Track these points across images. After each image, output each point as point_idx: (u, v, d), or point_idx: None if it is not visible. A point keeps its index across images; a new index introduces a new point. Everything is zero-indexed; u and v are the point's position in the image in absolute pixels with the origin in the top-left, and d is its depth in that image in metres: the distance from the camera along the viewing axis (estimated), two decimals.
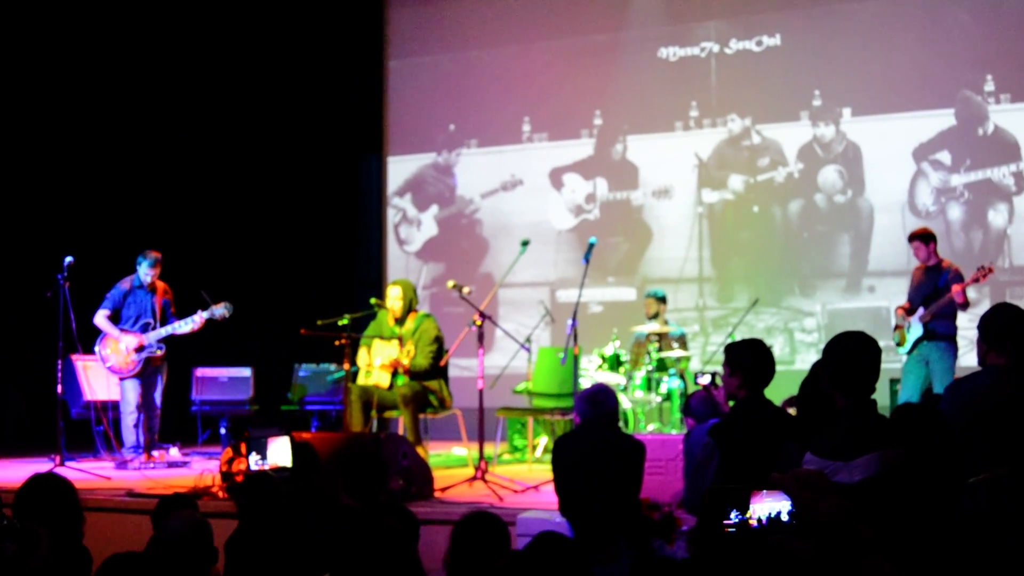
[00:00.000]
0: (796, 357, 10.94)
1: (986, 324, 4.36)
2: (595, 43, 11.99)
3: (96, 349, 8.67)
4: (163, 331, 8.62)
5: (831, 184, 11.06)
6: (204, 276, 9.40)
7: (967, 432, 4.00)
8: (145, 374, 8.61)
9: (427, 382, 8.32)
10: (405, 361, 8.24)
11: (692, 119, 11.57)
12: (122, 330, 8.62)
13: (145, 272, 8.65)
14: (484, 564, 3.55)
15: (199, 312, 8.58)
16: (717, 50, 11.51)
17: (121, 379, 8.62)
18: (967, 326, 8.77)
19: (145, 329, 8.63)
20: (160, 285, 8.81)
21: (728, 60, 11.47)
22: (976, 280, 7.87)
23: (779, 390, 5.29)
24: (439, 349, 8.40)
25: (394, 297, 8.52)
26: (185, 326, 8.60)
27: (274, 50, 11.98)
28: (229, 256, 11.53)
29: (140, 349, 8.58)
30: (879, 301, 10.67)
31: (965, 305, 7.92)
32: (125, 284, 8.72)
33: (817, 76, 11.07)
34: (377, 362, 8.38)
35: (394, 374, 8.30)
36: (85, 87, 11.09)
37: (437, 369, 8.39)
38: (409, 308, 8.52)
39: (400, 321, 8.48)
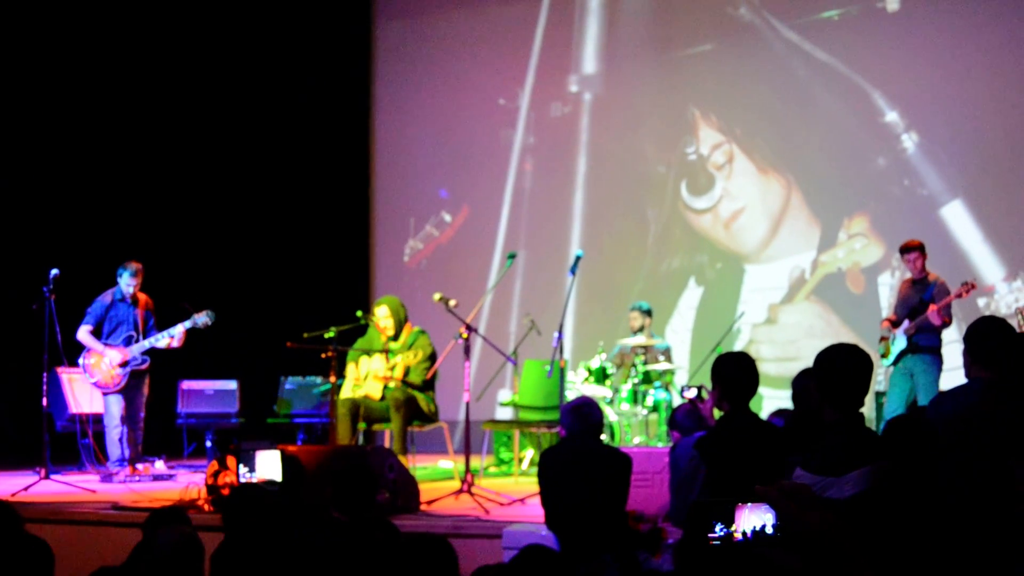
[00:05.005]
0: None
1: (971, 337, 4.38)
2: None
3: (80, 364, 8.60)
4: (146, 343, 8.56)
5: None
6: (189, 288, 9.38)
7: (949, 444, 4.02)
8: (128, 387, 8.56)
9: (417, 393, 8.30)
10: (397, 374, 8.21)
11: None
12: (105, 344, 8.58)
13: (127, 283, 8.56)
14: None
15: (180, 324, 8.54)
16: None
17: (105, 394, 8.58)
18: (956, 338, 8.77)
19: (128, 342, 8.57)
20: (142, 297, 8.73)
21: None
22: (959, 295, 7.87)
23: None
24: (432, 366, 8.39)
25: (383, 317, 8.43)
26: (163, 339, 8.55)
27: (260, 60, 11.98)
28: (214, 269, 11.49)
29: (124, 364, 8.53)
30: None
31: (945, 324, 7.90)
32: (106, 297, 8.62)
33: None
34: (364, 371, 8.36)
35: (386, 386, 8.29)
36: (70, 98, 11.06)
37: (426, 383, 8.38)
38: (401, 324, 8.48)
39: (394, 338, 8.44)
